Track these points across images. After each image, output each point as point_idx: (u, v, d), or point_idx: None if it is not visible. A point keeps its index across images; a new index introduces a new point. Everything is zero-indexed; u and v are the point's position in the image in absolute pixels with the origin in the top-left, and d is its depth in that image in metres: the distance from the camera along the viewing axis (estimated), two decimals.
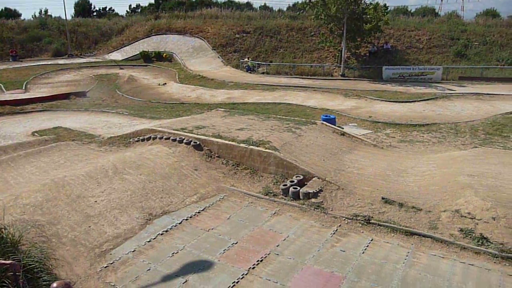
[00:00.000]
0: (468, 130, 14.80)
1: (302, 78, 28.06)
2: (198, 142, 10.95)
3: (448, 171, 9.79)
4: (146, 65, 33.86)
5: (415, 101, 20.13)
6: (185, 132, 11.56)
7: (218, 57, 33.50)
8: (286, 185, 9.05)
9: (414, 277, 6.24)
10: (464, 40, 29.98)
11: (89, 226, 7.42)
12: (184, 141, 11.05)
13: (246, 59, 31.63)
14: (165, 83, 26.30)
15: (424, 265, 6.54)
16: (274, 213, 8.35)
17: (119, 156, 10.74)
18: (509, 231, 7.06)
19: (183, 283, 6.13)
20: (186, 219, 8.05)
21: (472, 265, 6.51)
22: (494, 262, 6.55)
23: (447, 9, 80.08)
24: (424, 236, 7.28)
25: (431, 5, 44.03)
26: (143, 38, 38.90)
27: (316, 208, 8.32)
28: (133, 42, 38.93)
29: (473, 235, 7.11)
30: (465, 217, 7.56)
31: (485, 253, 6.72)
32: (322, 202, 8.49)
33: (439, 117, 16.84)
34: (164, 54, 35.18)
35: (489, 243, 6.89)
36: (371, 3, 27.74)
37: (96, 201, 8.17)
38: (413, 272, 6.36)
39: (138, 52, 36.17)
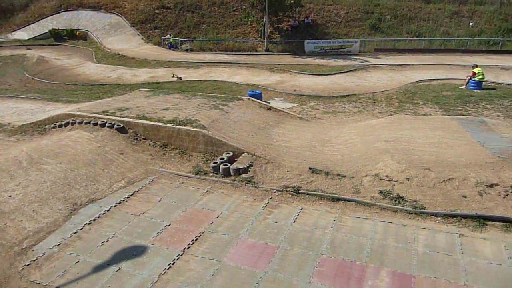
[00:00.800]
0: (384, 99, 15.84)
1: (227, 54, 27.84)
2: (122, 125, 10.47)
3: (368, 138, 10.45)
4: (57, 45, 31.18)
5: (336, 73, 21.01)
6: (107, 115, 10.97)
7: (138, 34, 31.87)
8: (216, 162, 9.05)
9: (341, 239, 6.66)
10: (378, 14, 31.63)
11: (5, 224, 6.83)
12: (107, 124, 10.49)
13: (168, 35, 30.50)
14: (180, 78, 20.55)
15: (350, 227, 6.99)
16: (206, 191, 8.34)
17: (34, 145, 9.92)
18: (420, 189, 7.79)
19: (116, 271, 5.94)
20: (115, 206, 7.74)
21: (391, 222, 7.10)
22: (409, 218, 7.20)
23: None
24: (349, 200, 7.77)
25: None
26: (51, 15, 35.58)
27: (247, 183, 8.46)
28: (40, 19, 35.47)
29: (391, 195, 7.73)
30: (384, 179, 8.17)
31: (402, 211, 7.36)
32: (252, 176, 8.64)
33: (358, 88, 17.78)
34: (78, 32, 32.63)
35: (404, 202, 7.55)
36: None
37: (10, 196, 7.52)
38: (340, 235, 6.78)
39: (47, 31, 33.07)
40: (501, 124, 11.61)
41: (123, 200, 7.94)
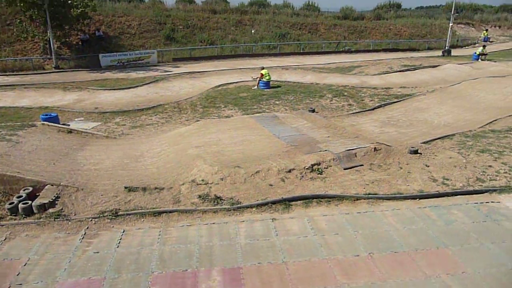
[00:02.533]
0: (189, 107, 16.44)
1: (7, 75, 23.95)
2: None
3: (179, 147, 10.68)
4: None
5: (138, 86, 20.64)
6: None
7: None
8: (13, 203, 7.74)
9: (169, 251, 6.63)
10: (171, 24, 32.52)
11: None
12: None
13: None
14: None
15: (176, 238, 7.03)
16: (5, 239, 7.05)
17: None
18: (234, 186, 8.42)
19: None
20: None
21: (213, 223, 7.45)
22: (229, 215, 7.70)
23: None
24: (171, 211, 7.78)
25: None
26: None
27: (57, 218, 7.53)
28: None
29: (209, 197, 8.11)
30: (201, 184, 8.50)
31: (221, 210, 7.81)
32: (62, 209, 7.75)
33: (162, 98, 17.90)
34: None
35: (222, 201, 8.03)
36: None
37: None
38: (168, 247, 6.75)
39: None
40: (289, 117, 13.56)
41: None
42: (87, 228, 7.35)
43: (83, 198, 8.17)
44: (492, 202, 8.21)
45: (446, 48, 33.48)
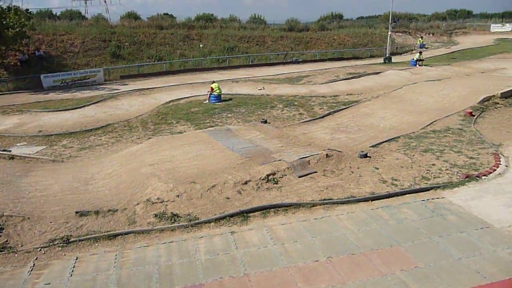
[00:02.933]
0: (140, 124, 16.09)
1: None
2: None
3: (132, 166, 10.41)
4: None
5: (84, 106, 19.90)
6: None
7: None
8: None
9: (127, 275, 6.41)
10: (116, 41, 31.82)
11: None
12: None
13: None
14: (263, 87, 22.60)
15: (134, 260, 6.81)
16: None
17: None
18: (191, 202, 8.33)
19: None
20: None
21: (172, 241, 7.30)
22: (187, 232, 7.59)
23: (93, 12, 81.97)
24: (126, 233, 7.54)
25: (76, 8, 43.98)
26: None
27: (1, 251, 7.05)
28: None
29: (166, 216, 7.95)
30: (156, 203, 8.32)
31: (179, 227, 7.68)
32: (6, 241, 7.27)
33: (111, 118, 17.38)
34: None
35: (179, 218, 7.91)
36: (9, 7, 24.69)
37: None
38: (125, 271, 6.52)
39: None
40: (242, 129, 13.65)
41: None
42: (36, 258, 6.94)
43: (30, 227, 7.72)
44: (437, 198, 8.70)
45: (387, 55, 35.30)
